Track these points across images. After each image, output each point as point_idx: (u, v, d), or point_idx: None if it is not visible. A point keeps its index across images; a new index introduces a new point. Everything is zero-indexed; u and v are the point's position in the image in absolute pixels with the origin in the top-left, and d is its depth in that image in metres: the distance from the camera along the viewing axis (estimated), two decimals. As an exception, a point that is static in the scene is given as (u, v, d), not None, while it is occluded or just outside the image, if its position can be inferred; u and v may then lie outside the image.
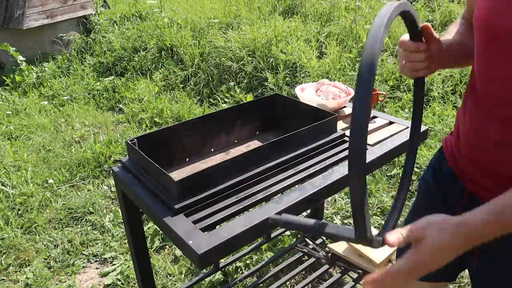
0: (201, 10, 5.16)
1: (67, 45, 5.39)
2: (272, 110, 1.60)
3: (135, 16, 5.56)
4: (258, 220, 1.01)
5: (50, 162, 3.14)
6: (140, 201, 1.16)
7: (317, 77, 3.60)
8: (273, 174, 1.21)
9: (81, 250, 2.32)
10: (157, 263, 2.16)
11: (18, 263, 2.24)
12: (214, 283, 2.01)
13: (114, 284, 2.08)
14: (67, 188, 2.85)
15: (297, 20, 4.50)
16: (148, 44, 4.68)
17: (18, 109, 4.10)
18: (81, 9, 5.52)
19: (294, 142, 1.28)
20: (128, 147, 1.26)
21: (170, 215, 1.04)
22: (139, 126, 3.65)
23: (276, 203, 1.07)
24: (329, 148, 1.35)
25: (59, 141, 3.43)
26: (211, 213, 1.06)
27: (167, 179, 1.08)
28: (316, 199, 1.16)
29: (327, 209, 2.47)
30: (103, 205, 2.65)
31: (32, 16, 4.98)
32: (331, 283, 1.89)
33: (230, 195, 1.12)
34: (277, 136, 1.34)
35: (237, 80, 3.93)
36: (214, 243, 0.94)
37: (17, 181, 2.88)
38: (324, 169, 1.24)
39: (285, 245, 2.22)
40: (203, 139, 1.43)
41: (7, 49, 4.73)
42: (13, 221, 2.51)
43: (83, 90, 4.42)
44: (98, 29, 5.42)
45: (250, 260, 2.14)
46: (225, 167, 1.14)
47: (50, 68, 4.91)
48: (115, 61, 4.76)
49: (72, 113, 3.95)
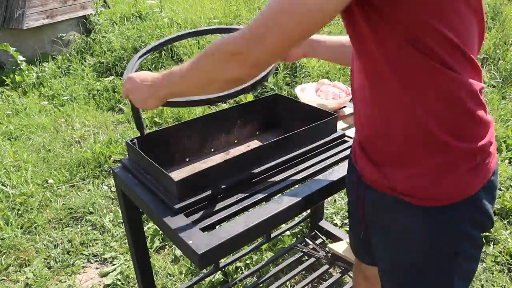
0: (201, 10, 5.16)
1: (67, 45, 5.39)
2: (272, 110, 1.60)
3: (135, 16, 5.56)
4: (258, 220, 1.01)
5: (50, 162, 3.14)
6: (140, 201, 1.16)
7: (317, 77, 3.60)
8: (273, 174, 1.21)
9: (81, 250, 2.32)
10: (157, 263, 2.16)
11: (18, 263, 2.24)
12: (214, 283, 2.01)
13: (114, 284, 2.08)
14: (67, 188, 2.85)
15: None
16: (148, 44, 4.68)
17: (18, 109, 4.10)
18: (81, 9, 5.52)
19: (294, 142, 1.28)
20: (128, 147, 1.26)
21: (170, 215, 1.04)
22: (139, 126, 3.64)
23: (276, 203, 1.07)
24: (329, 148, 1.35)
25: (59, 141, 3.43)
26: (211, 213, 1.06)
27: (167, 179, 1.08)
28: (316, 199, 1.16)
29: (327, 209, 2.47)
30: (103, 205, 2.65)
31: (32, 16, 4.98)
32: (331, 283, 1.89)
33: (230, 195, 1.11)
34: (277, 136, 1.34)
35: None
36: (214, 243, 0.94)
37: (17, 181, 2.88)
38: (324, 169, 1.24)
39: (285, 245, 2.22)
40: (203, 139, 1.43)
41: (7, 49, 4.73)
42: (13, 221, 2.51)
43: (83, 90, 4.42)
44: (98, 29, 5.41)
45: (250, 260, 2.14)
46: (225, 167, 1.14)
47: (50, 68, 4.91)
48: (115, 61, 4.76)
49: (72, 113, 3.95)
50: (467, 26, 0.80)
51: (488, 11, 4.79)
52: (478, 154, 0.85)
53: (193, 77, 0.89)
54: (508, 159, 2.84)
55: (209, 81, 0.87)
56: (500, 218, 2.33)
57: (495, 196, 0.93)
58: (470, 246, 0.91)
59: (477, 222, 0.89)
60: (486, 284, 1.97)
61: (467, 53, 0.80)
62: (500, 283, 1.97)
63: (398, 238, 0.96)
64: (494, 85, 3.89)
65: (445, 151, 0.84)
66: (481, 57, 4.15)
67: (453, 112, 0.82)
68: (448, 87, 0.80)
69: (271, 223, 1.05)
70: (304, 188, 1.14)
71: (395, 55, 0.79)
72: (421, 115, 0.82)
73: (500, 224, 2.27)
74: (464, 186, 0.86)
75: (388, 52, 0.80)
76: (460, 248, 0.89)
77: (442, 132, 0.82)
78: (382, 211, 0.97)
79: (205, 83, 0.89)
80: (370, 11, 0.77)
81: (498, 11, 4.75)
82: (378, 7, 0.76)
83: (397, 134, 0.87)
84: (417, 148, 0.86)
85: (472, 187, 0.86)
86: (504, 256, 2.10)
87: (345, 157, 1.30)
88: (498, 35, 4.38)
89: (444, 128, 0.82)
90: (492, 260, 2.10)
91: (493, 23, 4.63)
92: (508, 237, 2.19)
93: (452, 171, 0.85)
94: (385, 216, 0.97)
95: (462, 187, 0.86)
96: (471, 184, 0.86)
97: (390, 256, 1.00)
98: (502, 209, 2.38)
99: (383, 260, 1.03)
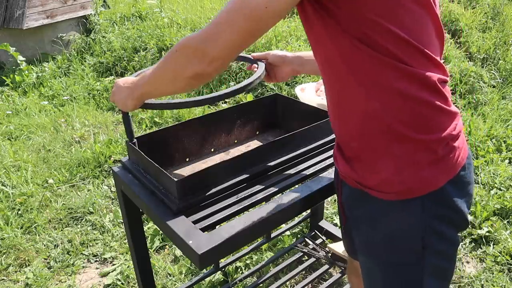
0: (201, 10, 5.16)
1: (67, 45, 5.39)
2: (272, 110, 1.60)
3: (135, 16, 5.56)
4: (258, 220, 1.01)
5: (50, 162, 3.14)
6: (140, 201, 1.16)
7: (317, 77, 3.59)
8: (273, 174, 1.21)
9: (81, 250, 2.32)
10: (157, 263, 2.16)
11: (18, 263, 2.24)
12: (214, 283, 2.01)
13: (114, 284, 2.08)
14: (67, 188, 2.85)
15: (297, 20, 4.50)
16: (148, 44, 4.68)
17: (18, 109, 4.10)
18: (81, 9, 5.52)
19: (294, 142, 1.28)
20: (128, 147, 1.26)
21: (170, 215, 1.04)
22: (139, 126, 3.64)
23: (276, 203, 1.07)
24: (329, 148, 1.35)
25: (59, 141, 3.43)
26: (211, 213, 1.06)
27: (167, 179, 1.08)
28: (316, 199, 1.16)
29: (327, 209, 2.47)
30: (103, 205, 2.65)
31: (32, 16, 4.98)
32: (331, 283, 1.89)
33: (230, 195, 1.12)
34: (277, 136, 1.34)
35: (237, 80, 3.93)
36: (214, 243, 0.94)
37: (17, 181, 2.88)
38: (324, 169, 1.24)
39: (285, 245, 2.22)
40: (203, 139, 1.43)
41: (7, 49, 4.73)
42: (13, 221, 2.51)
43: (83, 90, 4.42)
44: (98, 29, 5.41)
45: (250, 260, 2.14)
46: (225, 167, 1.14)
47: (50, 68, 4.91)
48: (115, 61, 4.76)
49: (72, 113, 3.94)
50: (420, 23, 0.82)
51: (488, 11, 4.79)
52: (440, 146, 0.85)
53: (161, 74, 0.94)
54: (508, 159, 2.84)
55: (174, 77, 0.91)
56: (500, 218, 2.33)
57: (468, 192, 0.92)
58: (439, 241, 0.90)
59: (445, 217, 0.89)
60: (486, 284, 1.97)
61: (421, 49, 0.81)
62: (500, 283, 1.97)
63: (367, 232, 0.97)
64: (494, 85, 3.89)
65: (404, 143, 0.85)
66: (481, 57, 4.15)
67: (408, 104, 0.83)
68: (402, 80, 0.81)
69: (271, 223, 1.05)
70: (304, 188, 1.14)
71: (348, 51, 0.82)
72: (378, 109, 0.84)
73: (500, 224, 2.27)
74: (427, 179, 0.86)
75: (341, 48, 0.82)
76: (426, 242, 0.89)
77: (399, 124, 0.84)
78: (354, 206, 1.00)
79: (171, 79, 0.92)
80: (319, 8, 0.81)
81: (498, 11, 4.75)
82: (324, 4, 0.80)
83: (358, 129, 0.89)
84: (377, 142, 0.87)
85: (436, 181, 0.86)
86: (504, 256, 2.10)
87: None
88: (498, 35, 4.39)
89: (401, 120, 0.83)
90: (492, 260, 2.10)
91: (493, 23, 4.63)
92: (508, 237, 2.19)
93: (413, 164, 0.85)
94: (357, 210, 0.99)
95: (425, 180, 0.86)
96: (435, 178, 0.86)
97: (362, 250, 1.02)
98: (502, 209, 2.38)
99: (359, 254, 1.05)
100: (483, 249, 2.17)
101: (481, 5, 4.87)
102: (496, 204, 2.39)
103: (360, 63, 0.82)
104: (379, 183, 0.89)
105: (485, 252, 2.15)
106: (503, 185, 2.56)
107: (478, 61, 4.13)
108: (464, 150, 0.91)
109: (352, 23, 0.79)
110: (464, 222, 0.93)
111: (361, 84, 0.84)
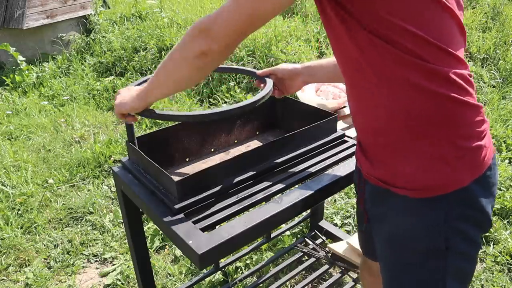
0: (201, 10, 5.16)
1: (67, 45, 5.39)
2: (272, 110, 1.60)
3: (135, 16, 5.56)
4: (258, 220, 1.01)
5: (50, 162, 3.14)
6: (140, 201, 1.16)
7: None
8: (273, 174, 1.21)
9: (81, 250, 2.32)
10: (157, 263, 2.16)
11: (18, 263, 2.24)
12: (214, 283, 2.01)
13: (114, 284, 2.08)
14: (67, 188, 2.85)
15: (297, 20, 4.50)
16: (148, 44, 4.68)
17: (18, 109, 4.10)
18: (81, 9, 5.52)
19: (294, 142, 1.28)
20: (128, 147, 1.26)
21: (170, 215, 1.04)
22: (139, 126, 3.64)
23: (276, 203, 1.07)
24: (329, 148, 1.35)
25: (59, 141, 3.43)
26: (211, 213, 1.06)
27: (167, 179, 1.08)
28: (316, 199, 1.16)
29: (327, 209, 2.47)
30: (103, 205, 2.65)
31: (32, 16, 4.98)
32: (331, 283, 1.89)
33: (230, 195, 1.12)
34: (277, 136, 1.34)
35: (237, 80, 3.93)
36: (214, 243, 0.94)
37: (17, 181, 2.88)
38: (324, 169, 1.24)
39: (285, 245, 2.22)
40: (203, 139, 1.43)
41: (7, 49, 4.73)
42: (13, 221, 2.51)
43: (83, 90, 4.42)
44: (98, 29, 5.41)
45: (250, 260, 2.14)
46: (225, 167, 1.14)
47: (50, 68, 4.91)
48: (115, 61, 4.76)
49: (72, 113, 3.94)
50: (438, 21, 0.82)
51: (488, 11, 4.79)
52: (465, 141, 0.84)
53: (169, 59, 0.97)
54: (508, 159, 2.84)
55: (182, 58, 0.93)
56: (500, 218, 2.33)
57: (493, 194, 0.91)
58: (462, 242, 0.88)
59: (469, 218, 0.87)
60: (486, 284, 1.97)
61: (440, 46, 0.81)
62: (500, 283, 1.97)
63: (390, 232, 0.96)
64: (494, 85, 3.89)
65: (427, 138, 0.84)
66: (481, 57, 4.16)
67: (431, 99, 0.82)
68: (423, 76, 0.81)
69: (271, 223, 1.05)
70: (304, 188, 1.14)
71: (368, 49, 0.82)
72: (401, 106, 0.84)
73: (500, 224, 2.27)
74: (451, 176, 0.85)
75: (361, 46, 0.83)
76: (450, 242, 0.87)
77: (423, 119, 0.83)
78: (377, 204, 0.99)
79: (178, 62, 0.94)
80: (337, 6, 0.83)
81: (498, 11, 4.75)
82: (340, 2, 0.82)
83: (381, 127, 0.89)
84: (401, 139, 0.87)
85: (461, 178, 0.85)
86: (504, 256, 2.10)
87: (345, 157, 1.30)
88: (498, 35, 4.38)
89: (424, 116, 0.83)
90: (492, 260, 2.10)
91: (493, 23, 4.63)
92: (508, 237, 2.19)
93: (437, 159, 0.85)
94: (380, 209, 0.98)
95: (449, 177, 0.85)
96: (459, 175, 0.85)
97: (384, 251, 1.00)
98: (502, 209, 2.38)
99: (379, 254, 1.04)
100: (483, 249, 2.17)
101: (481, 5, 4.87)
102: (496, 204, 2.39)
103: (380, 59, 0.82)
104: (403, 180, 0.88)
105: (485, 252, 2.15)
106: (503, 185, 2.56)
107: (478, 61, 4.13)
108: (490, 150, 0.90)
109: (367, 20, 0.80)
110: (488, 223, 0.91)
111: (383, 81, 0.84)
